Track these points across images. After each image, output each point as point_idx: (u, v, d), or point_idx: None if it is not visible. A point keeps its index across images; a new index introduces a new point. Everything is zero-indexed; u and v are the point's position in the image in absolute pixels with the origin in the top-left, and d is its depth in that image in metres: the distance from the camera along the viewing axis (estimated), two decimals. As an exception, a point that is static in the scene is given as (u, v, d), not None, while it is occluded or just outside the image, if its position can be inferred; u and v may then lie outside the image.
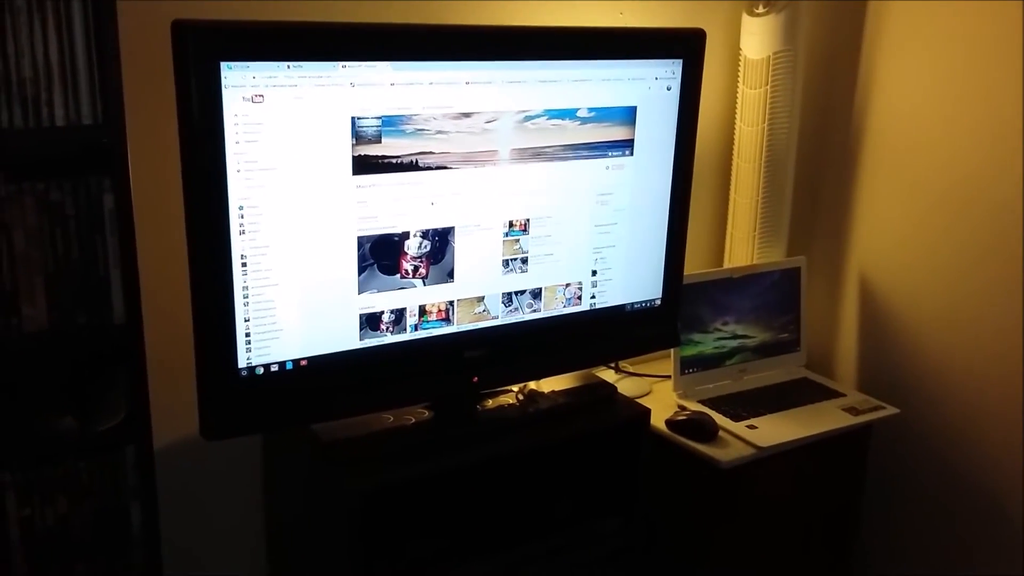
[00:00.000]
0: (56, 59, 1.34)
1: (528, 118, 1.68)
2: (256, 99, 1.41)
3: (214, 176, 1.41)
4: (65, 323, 1.42)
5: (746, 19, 2.25)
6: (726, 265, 2.42)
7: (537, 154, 1.71)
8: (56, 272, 1.40)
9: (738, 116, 2.32)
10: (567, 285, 1.84)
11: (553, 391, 1.91)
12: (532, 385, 1.91)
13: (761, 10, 2.21)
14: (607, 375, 2.16)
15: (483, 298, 1.74)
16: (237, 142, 1.41)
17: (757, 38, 2.23)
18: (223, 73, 1.38)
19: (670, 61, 1.82)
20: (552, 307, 1.83)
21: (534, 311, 1.81)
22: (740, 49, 2.28)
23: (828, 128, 2.42)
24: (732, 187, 2.37)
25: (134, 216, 1.42)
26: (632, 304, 1.94)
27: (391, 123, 1.54)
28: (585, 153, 1.77)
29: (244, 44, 1.40)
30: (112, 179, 1.40)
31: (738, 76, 2.30)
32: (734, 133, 2.35)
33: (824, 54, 2.38)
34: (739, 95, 2.30)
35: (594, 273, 1.86)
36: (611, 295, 1.90)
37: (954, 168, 2.18)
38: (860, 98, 2.35)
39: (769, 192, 2.31)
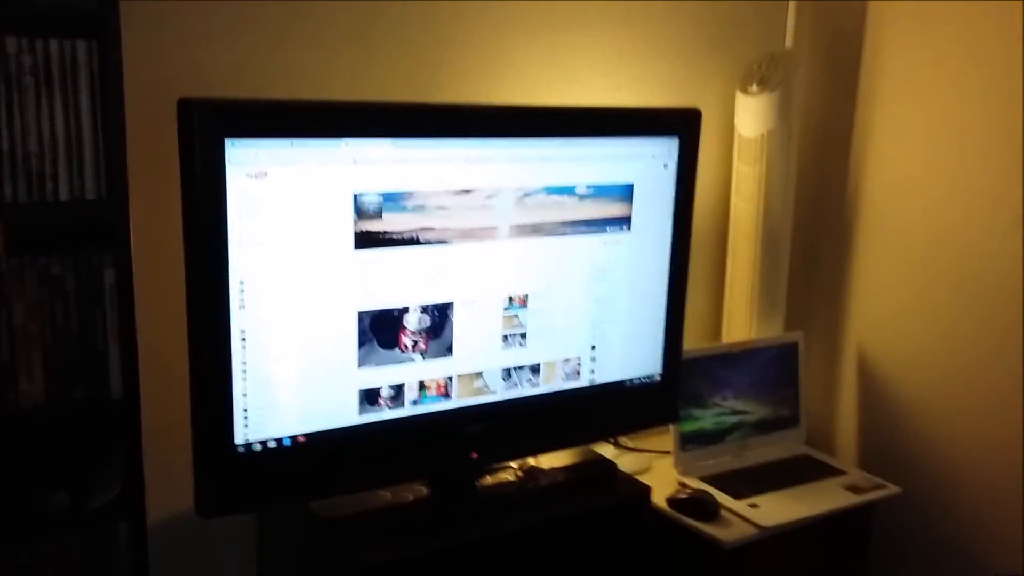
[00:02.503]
0: (62, 134, 1.36)
1: (527, 194, 1.70)
2: (259, 176, 1.43)
3: (215, 251, 1.41)
4: (62, 398, 1.41)
5: (740, 97, 2.29)
6: (723, 339, 2.42)
7: (536, 230, 1.72)
8: (54, 346, 1.39)
9: (734, 192, 2.34)
10: (566, 360, 1.83)
11: (553, 467, 1.89)
12: (531, 461, 1.89)
13: (755, 89, 2.25)
14: (607, 450, 2.14)
15: (482, 373, 1.73)
16: (240, 218, 1.42)
17: (751, 116, 2.26)
18: (227, 150, 1.39)
19: (667, 139, 1.84)
20: (551, 382, 1.82)
21: (534, 386, 1.80)
22: (735, 126, 2.31)
23: (824, 202, 2.45)
24: (729, 261, 2.38)
25: (134, 291, 1.42)
26: (631, 380, 1.93)
27: (392, 199, 1.55)
28: (583, 229, 1.78)
29: (248, 121, 1.41)
30: (113, 254, 1.40)
31: (733, 152, 2.33)
32: (729, 208, 2.37)
33: (818, 129, 2.42)
34: (734, 171, 2.33)
35: (593, 348, 1.86)
36: (610, 370, 1.89)
37: (951, 240, 2.20)
38: (855, 171, 2.38)
39: (766, 266, 2.32)
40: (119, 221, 1.40)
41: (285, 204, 1.46)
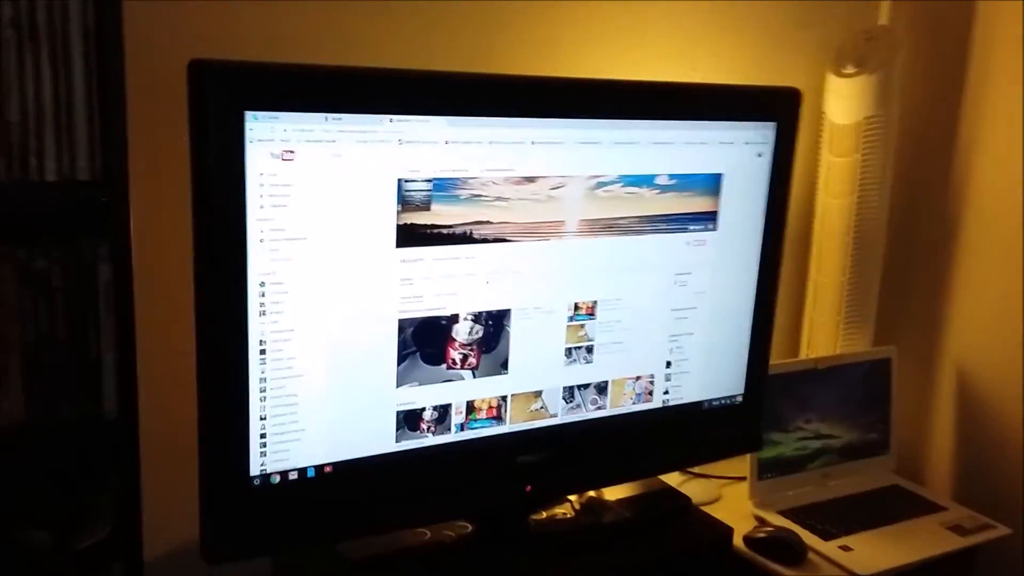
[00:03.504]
0: (50, 102, 1.13)
1: (600, 185, 1.44)
2: (286, 156, 1.18)
3: (232, 246, 1.17)
4: (45, 416, 1.19)
5: (832, 80, 2.02)
6: (803, 353, 2.16)
7: (609, 226, 1.47)
8: (37, 355, 1.17)
9: (821, 187, 2.07)
10: (637, 378, 1.58)
11: (617, 500, 1.64)
12: (592, 493, 1.64)
13: (851, 70, 1.98)
14: (671, 478, 1.89)
15: (541, 393, 1.48)
16: (262, 206, 1.18)
17: (846, 101, 1.99)
18: (248, 124, 1.15)
19: (762, 124, 1.58)
20: (619, 404, 1.57)
21: (599, 408, 1.55)
22: (824, 113, 2.04)
23: (924, 202, 2.17)
24: (813, 266, 2.11)
25: (134, 290, 1.19)
26: (710, 401, 1.67)
27: (443, 187, 1.30)
28: (663, 226, 1.53)
29: (274, 90, 1.17)
30: (110, 246, 1.18)
31: (821, 142, 2.06)
32: (815, 205, 2.10)
33: (920, 120, 2.14)
34: (823, 163, 2.06)
35: (668, 365, 1.61)
36: (687, 390, 1.64)
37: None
38: (960, 169, 2.10)
39: (857, 272, 2.05)
40: (117, 207, 1.16)
41: (316, 191, 1.21)
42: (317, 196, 1.22)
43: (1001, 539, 1.91)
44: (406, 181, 1.27)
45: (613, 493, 1.66)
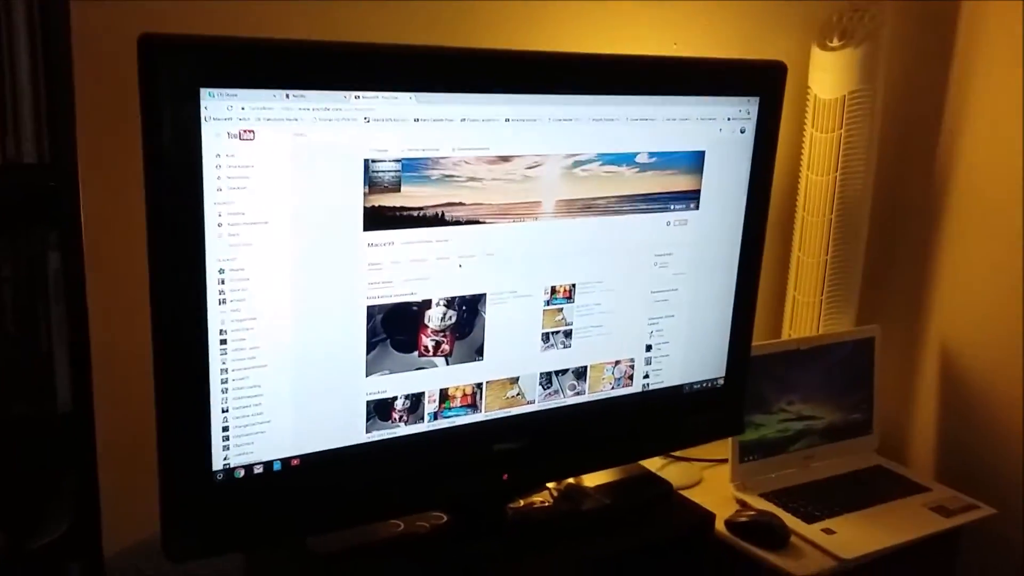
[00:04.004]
0: (-9, 80, 1.06)
1: (578, 164, 1.38)
2: (245, 136, 1.12)
3: (189, 231, 1.11)
4: (-5, 412, 1.13)
5: (817, 53, 1.97)
6: (785, 334, 2.12)
7: (587, 207, 1.42)
8: (-16, 349, 1.11)
9: (805, 163, 2.03)
10: (617, 363, 1.53)
11: (596, 487, 1.60)
12: (571, 480, 1.60)
13: (835, 43, 1.93)
14: (652, 462, 1.85)
15: (517, 379, 1.43)
16: (219, 189, 1.12)
17: (830, 75, 1.95)
18: (203, 102, 1.08)
19: (745, 99, 1.52)
20: (598, 389, 1.52)
21: (577, 393, 1.50)
22: (809, 87, 1.99)
23: (908, 178, 2.13)
24: (796, 244, 2.07)
25: (86, 279, 1.13)
26: (691, 384, 1.63)
27: (413, 167, 1.24)
28: (643, 206, 1.47)
29: (231, 66, 1.10)
30: (59, 233, 1.12)
31: (805, 117, 2.01)
32: (799, 182, 2.05)
33: (905, 96, 2.09)
34: (807, 139, 2.01)
35: (648, 348, 1.56)
36: (668, 374, 1.59)
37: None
38: (945, 145, 2.06)
39: (840, 250, 2.01)
40: (66, 192, 1.10)
41: (277, 172, 1.15)
42: (279, 178, 1.15)
43: (985, 519, 1.88)
44: (373, 161, 1.21)
45: (592, 479, 1.61)
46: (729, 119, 1.51)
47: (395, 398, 1.33)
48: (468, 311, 1.36)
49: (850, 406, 2.03)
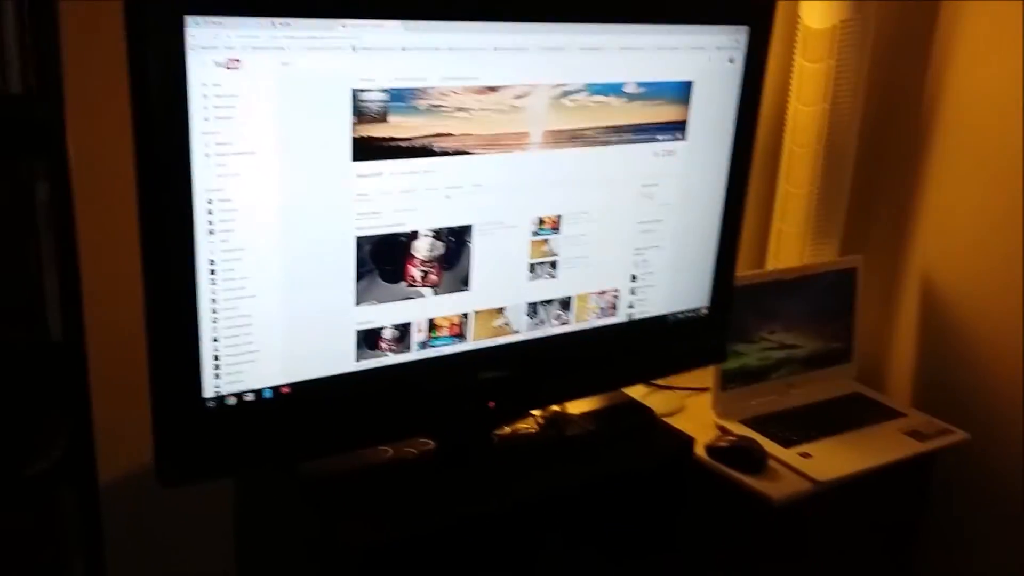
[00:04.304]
0: (-27, 8, 1.05)
1: (566, 93, 1.38)
2: (231, 65, 1.11)
3: (175, 162, 1.11)
4: (-13, 341, 1.14)
5: (808, -19, 1.94)
6: (770, 265, 2.14)
7: (575, 137, 1.42)
8: (-25, 278, 1.12)
9: (794, 94, 2.02)
10: (602, 293, 1.55)
11: (580, 414, 1.63)
12: (555, 407, 1.63)
13: (827, -30, 1.91)
14: (635, 390, 1.88)
15: (504, 309, 1.45)
16: (206, 119, 1.11)
17: (821, 4, 1.93)
18: (188, 31, 1.07)
19: (734, 28, 1.52)
20: (584, 319, 1.54)
21: (563, 323, 1.52)
22: (799, 16, 1.97)
23: (894, 110, 2.12)
24: (782, 175, 2.08)
25: (75, 209, 1.13)
26: (675, 314, 1.65)
27: (400, 97, 1.24)
28: (631, 136, 1.47)
29: (216, -7, 1.09)
30: (48, 163, 1.12)
31: (795, 48, 1.99)
32: (787, 113, 2.05)
33: (894, 25, 2.07)
34: (796, 69, 2.00)
35: (633, 279, 1.58)
36: (652, 304, 1.61)
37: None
38: (933, 77, 2.05)
39: (827, 182, 2.02)
40: (54, 121, 1.10)
41: (264, 102, 1.14)
42: (266, 108, 1.15)
43: (959, 444, 1.93)
44: (361, 91, 1.21)
45: (576, 407, 1.65)
46: (718, 48, 1.51)
47: (383, 328, 1.34)
48: (455, 242, 1.37)
49: (831, 335, 2.07)
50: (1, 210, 1.12)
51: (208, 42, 1.09)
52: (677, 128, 1.52)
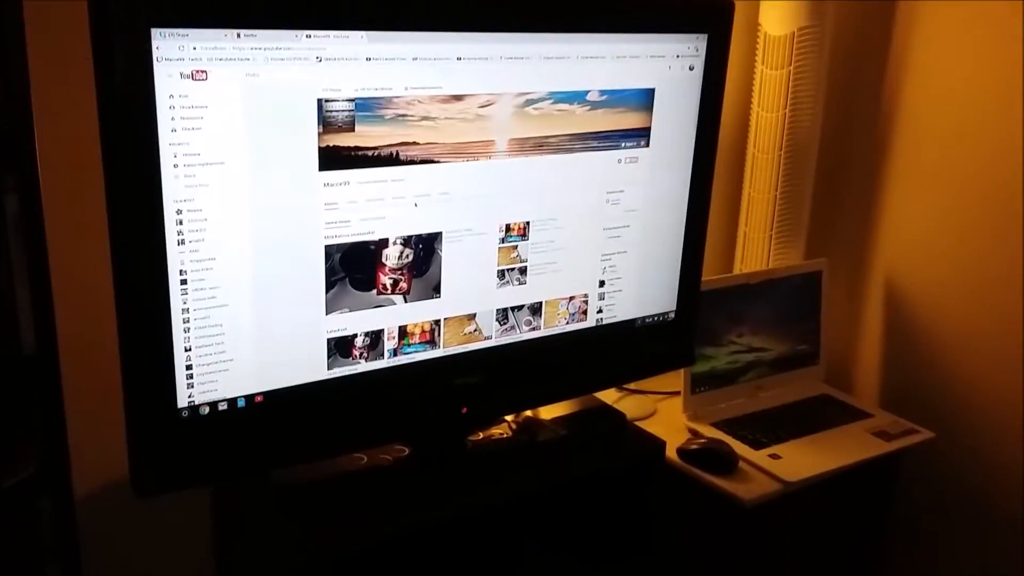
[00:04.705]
0: (-62, 21, 1.06)
1: (530, 102, 1.41)
2: (197, 76, 1.13)
3: (144, 173, 1.12)
4: (-42, 355, 1.15)
5: (767, -9, 1.99)
6: (737, 269, 2.17)
7: (539, 145, 1.44)
8: (-56, 292, 1.12)
9: (755, 100, 2.06)
10: (571, 298, 1.57)
11: (552, 419, 1.65)
12: (528, 412, 1.65)
13: (785, -20, 1.96)
14: (607, 395, 1.90)
15: (475, 315, 1.47)
16: (174, 130, 1.13)
17: (780, 11, 1.97)
18: (155, 42, 1.09)
19: (693, 36, 1.55)
20: (553, 324, 1.57)
21: (533, 329, 1.54)
22: (759, 24, 2.02)
23: (855, 115, 2.17)
24: (747, 180, 2.12)
25: (44, 221, 1.14)
26: (643, 318, 1.68)
27: (366, 107, 1.26)
28: (595, 144, 1.50)
29: (181, 5, 1.11)
30: (17, 175, 1.12)
31: (756, 55, 2.04)
32: (750, 119, 2.09)
33: (852, 31, 2.12)
34: (757, 76, 2.05)
35: (602, 284, 1.60)
36: (620, 308, 1.64)
37: (998, 163, 1.94)
38: (891, 82, 2.10)
39: (789, 186, 2.06)
40: (22, 134, 1.11)
41: (232, 112, 1.16)
42: (233, 118, 1.16)
43: (925, 443, 1.96)
44: (327, 101, 1.23)
45: (549, 412, 1.67)
46: (678, 56, 1.54)
47: (355, 335, 1.36)
48: (425, 249, 1.39)
49: (798, 337, 2.10)
50: (-30, 224, 1.13)
51: (174, 54, 1.11)
52: (640, 135, 1.55)
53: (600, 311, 1.62)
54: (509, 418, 1.63)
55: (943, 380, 2.10)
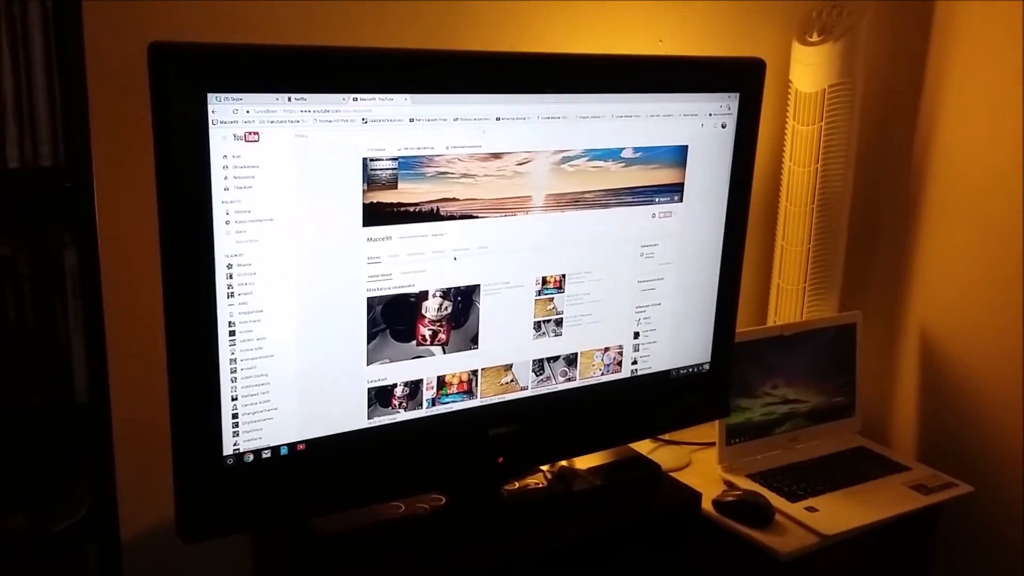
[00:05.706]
0: (10, 88, 1.13)
1: (566, 159, 1.45)
2: (250, 138, 1.18)
3: (198, 229, 1.17)
4: (17, 403, 1.19)
5: (798, 48, 2.03)
6: (771, 320, 2.18)
7: (575, 200, 1.48)
8: (7, 342, 1.17)
9: (787, 155, 2.09)
10: (606, 350, 1.60)
11: (587, 469, 1.67)
12: (563, 462, 1.66)
13: (815, 38, 1.99)
14: (642, 445, 1.91)
15: (511, 366, 1.50)
16: (226, 188, 1.18)
17: (811, 69, 2.01)
18: (211, 107, 1.15)
19: (726, 95, 1.59)
20: (589, 375, 1.59)
21: (568, 379, 1.57)
22: (790, 81, 2.06)
23: (887, 168, 2.19)
24: (779, 234, 2.14)
25: (101, 274, 1.19)
26: (678, 369, 1.70)
27: (409, 165, 1.31)
28: (629, 199, 1.54)
29: (236, 72, 1.17)
30: (75, 231, 1.18)
31: (787, 111, 2.07)
32: (782, 174, 2.12)
33: (884, 87, 2.15)
34: (789, 132, 2.08)
35: (636, 336, 1.63)
36: (655, 360, 1.66)
37: (1032, 215, 1.95)
38: (923, 135, 2.13)
39: (822, 239, 2.08)
40: (82, 192, 1.16)
41: (282, 172, 1.21)
42: (282, 177, 1.22)
43: (963, 497, 1.95)
44: (371, 160, 1.28)
45: (584, 462, 1.68)
46: (711, 114, 1.58)
47: (395, 385, 1.39)
48: (463, 301, 1.42)
49: (833, 389, 2.10)
50: (32, 275, 1.17)
51: (228, 117, 1.16)
52: (674, 190, 1.59)
53: (635, 362, 1.64)
54: (544, 468, 1.64)
55: (980, 433, 2.08)
